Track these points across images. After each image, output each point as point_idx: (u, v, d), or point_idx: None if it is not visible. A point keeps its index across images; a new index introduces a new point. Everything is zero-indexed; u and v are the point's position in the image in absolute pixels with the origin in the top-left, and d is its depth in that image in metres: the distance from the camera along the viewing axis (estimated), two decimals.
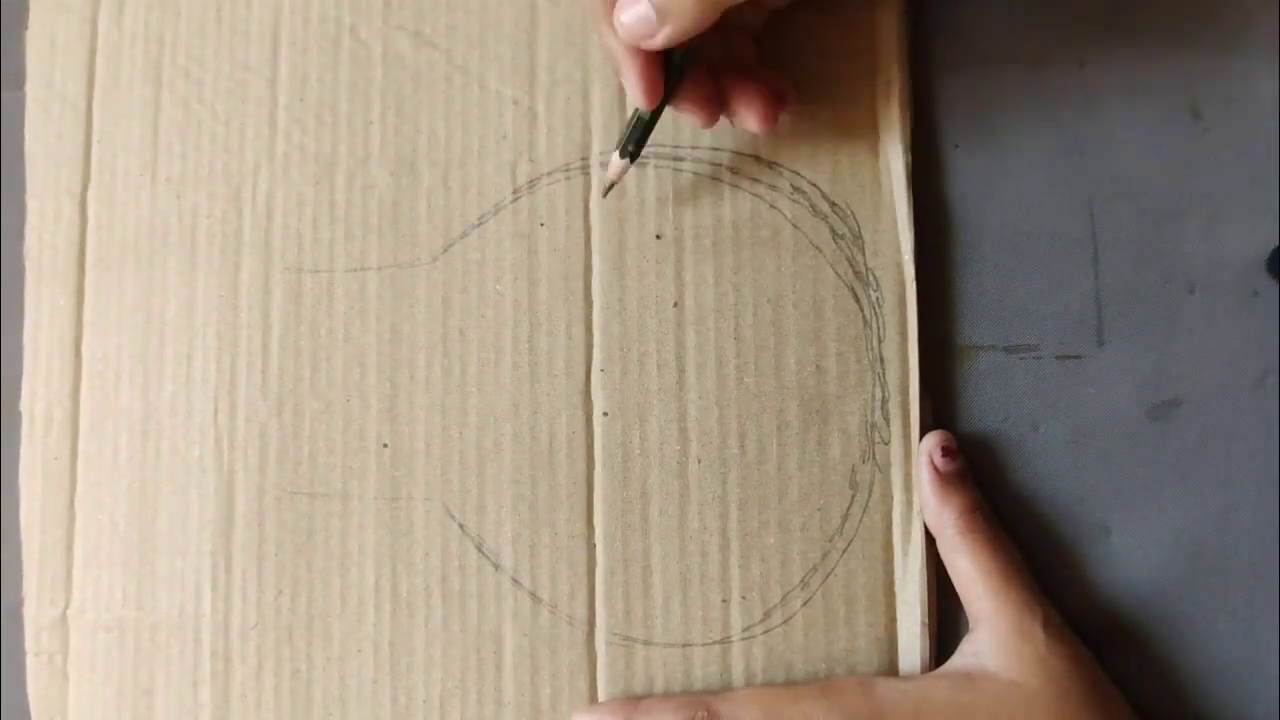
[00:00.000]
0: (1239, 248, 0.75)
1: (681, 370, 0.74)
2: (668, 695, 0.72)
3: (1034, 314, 0.76)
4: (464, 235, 0.76)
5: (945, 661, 0.71)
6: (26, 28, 0.80)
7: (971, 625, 0.71)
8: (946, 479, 0.72)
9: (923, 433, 0.74)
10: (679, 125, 0.76)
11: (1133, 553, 0.74)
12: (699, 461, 0.74)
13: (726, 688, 0.73)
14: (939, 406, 0.75)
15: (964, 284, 0.76)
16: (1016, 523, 0.74)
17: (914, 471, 0.74)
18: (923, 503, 0.73)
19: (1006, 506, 0.74)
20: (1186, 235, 0.75)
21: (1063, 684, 0.67)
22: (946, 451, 0.73)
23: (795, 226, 0.75)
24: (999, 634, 0.69)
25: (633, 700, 0.72)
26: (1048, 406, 0.75)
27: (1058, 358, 0.75)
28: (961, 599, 0.72)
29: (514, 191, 0.76)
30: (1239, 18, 0.76)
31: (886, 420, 0.74)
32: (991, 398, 0.75)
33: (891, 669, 0.73)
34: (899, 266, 0.74)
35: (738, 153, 0.76)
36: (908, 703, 0.67)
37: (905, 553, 0.73)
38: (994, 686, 0.67)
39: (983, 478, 0.74)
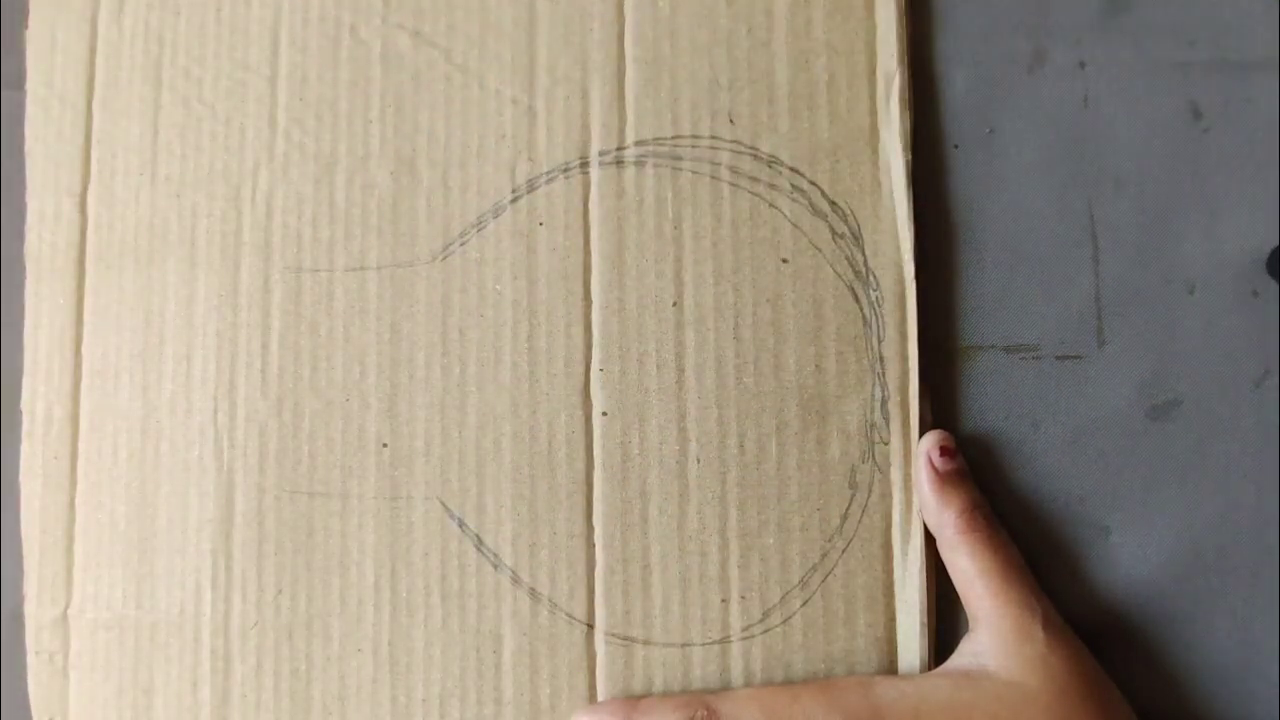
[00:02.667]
0: (1239, 248, 0.75)
1: (681, 370, 0.75)
2: (667, 694, 0.72)
3: (1034, 314, 0.76)
4: (463, 235, 0.76)
5: (944, 661, 0.71)
6: (26, 27, 0.81)
7: (971, 625, 0.71)
8: (945, 478, 0.72)
9: (922, 432, 0.74)
10: (678, 124, 0.76)
11: (1133, 553, 0.74)
12: (698, 461, 0.74)
13: (726, 687, 0.73)
14: (939, 406, 0.75)
15: (964, 284, 0.76)
16: (1016, 523, 0.74)
17: (913, 472, 0.74)
18: (922, 503, 0.73)
19: (1006, 506, 0.74)
20: (1186, 235, 0.76)
21: (1062, 683, 0.67)
22: (945, 451, 0.73)
23: (795, 226, 0.75)
24: (998, 634, 0.69)
25: (632, 700, 0.72)
26: (1048, 406, 0.75)
27: (1058, 358, 0.75)
28: (961, 598, 0.72)
29: (513, 191, 0.77)
30: (1239, 18, 0.77)
31: (886, 420, 0.74)
32: (991, 398, 0.75)
33: (891, 669, 0.73)
34: (899, 266, 0.75)
35: (737, 151, 0.76)
36: (907, 702, 0.67)
37: (904, 553, 0.73)
38: (994, 686, 0.67)
39: (983, 478, 0.74)
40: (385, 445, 0.75)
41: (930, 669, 0.72)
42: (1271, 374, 0.75)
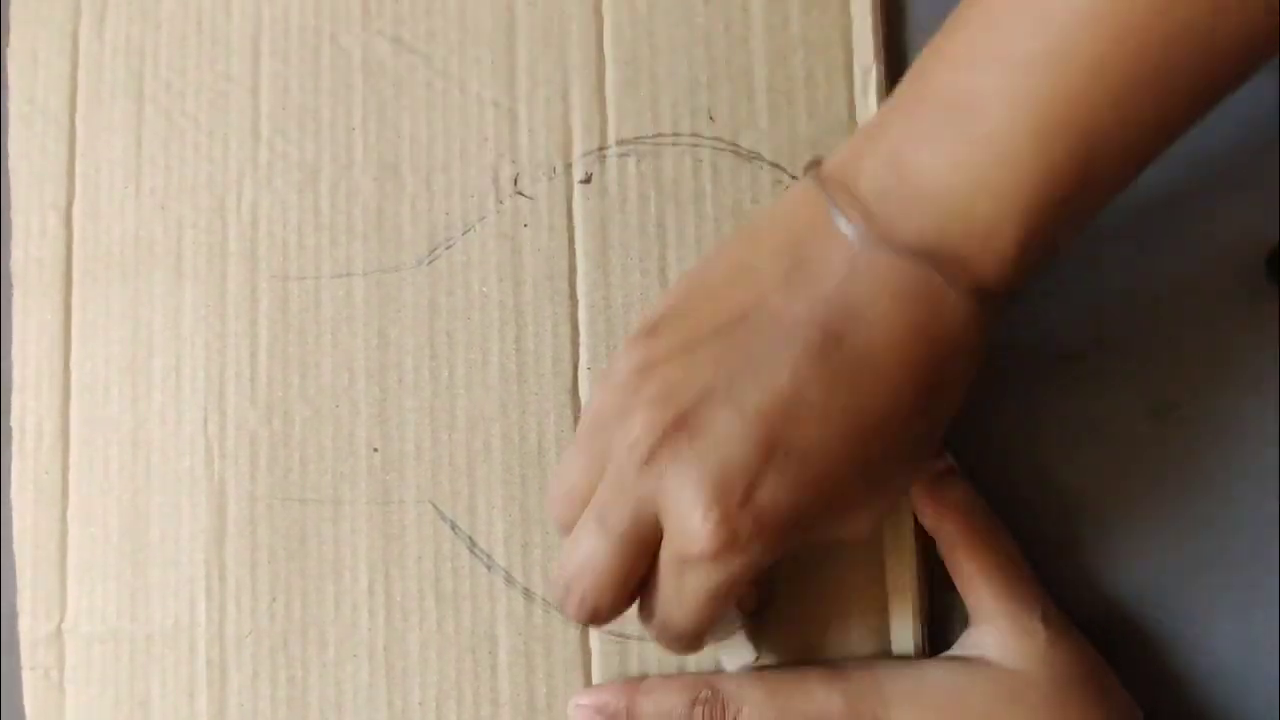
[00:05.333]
0: (1239, 248, 0.79)
1: None
2: (670, 675, 0.76)
3: (1034, 314, 0.79)
4: (448, 238, 0.81)
5: (938, 646, 0.76)
6: (7, 43, 0.85)
7: (970, 621, 0.75)
8: (935, 481, 0.76)
9: None
10: (659, 122, 0.81)
11: (1133, 553, 0.78)
12: None
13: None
14: None
15: None
16: (1016, 522, 0.76)
17: None
18: (916, 507, 0.76)
19: (1006, 506, 0.77)
20: (1186, 235, 0.79)
21: (1064, 675, 0.71)
22: None
23: None
24: (998, 631, 0.73)
25: (634, 682, 0.76)
26: (1048, 406, 0.79)
27: (1058, 358, 0.79)
28: (961, 595, 0.75)
29: (497, 193, 0.81)
30: None
31: None
32: (991, 397, 0.78)
33: (886, 655, 0.76)
34: None
35: (718, 148, 0.80)
36: (907, 683, 0.72)
37: (895, 538, 0.77)
38: (993, 672, 0.71)
39: (983, 477, 0.77)
40: (376, 450, 0.79)
41: (925, 653, 0.76)
42: (1271, 374, 0.78)
